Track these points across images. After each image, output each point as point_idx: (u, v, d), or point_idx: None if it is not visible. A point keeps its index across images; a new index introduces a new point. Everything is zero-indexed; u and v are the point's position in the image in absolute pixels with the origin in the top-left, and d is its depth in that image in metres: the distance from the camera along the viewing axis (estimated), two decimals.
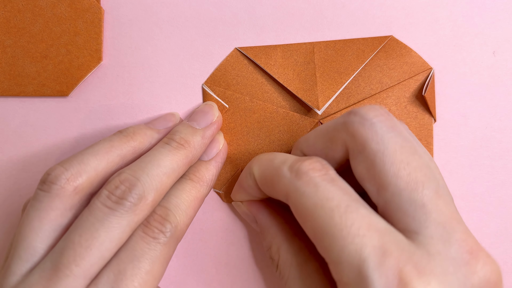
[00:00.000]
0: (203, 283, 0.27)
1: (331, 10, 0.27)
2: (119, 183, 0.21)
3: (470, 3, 0.27)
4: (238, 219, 0.28)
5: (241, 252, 0.28)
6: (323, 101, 0.26)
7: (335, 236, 0.17)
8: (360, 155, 0.20)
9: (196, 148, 0.24)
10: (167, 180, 0.22)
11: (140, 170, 0.21)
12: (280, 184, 0.21)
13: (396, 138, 0.19)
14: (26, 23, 0.27)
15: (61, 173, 0.21)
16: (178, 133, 0.24)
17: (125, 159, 0.23)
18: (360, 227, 0.17)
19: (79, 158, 0.22)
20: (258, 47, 0.27)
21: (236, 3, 0.27)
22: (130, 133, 0.24)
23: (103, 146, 0.23)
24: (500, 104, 0.27)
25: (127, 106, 0.27)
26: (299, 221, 0.20)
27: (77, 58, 0.27)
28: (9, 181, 0.27)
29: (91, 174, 0.21)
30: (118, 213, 0.20)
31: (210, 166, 0.26)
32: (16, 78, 0.27)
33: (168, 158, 0.22)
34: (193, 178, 0.24)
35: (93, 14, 0.27)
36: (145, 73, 0.27)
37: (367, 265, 0.16)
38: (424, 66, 0.27)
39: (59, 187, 0.21)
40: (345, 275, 0.17)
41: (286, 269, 0.22)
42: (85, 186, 0.21)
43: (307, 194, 0.19)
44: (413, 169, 0.18)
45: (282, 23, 0.27)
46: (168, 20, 0.27)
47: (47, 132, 0.27)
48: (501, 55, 0.27)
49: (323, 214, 0.18)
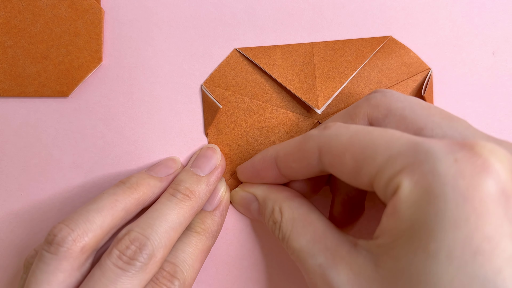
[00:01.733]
0: (203, 283, 0.28)
1: (331, 10, 0.27)
2: (129, 243, 0.21)
3: (470, 3, 0.27)
4: (238, 219, 0.28)
5: (241, 252, 0.28)
6: (322, 101, 0.26)
7: (379, 145, 0.17)
8: (386, 118, 0.21)
9: (202, 197, 0.24)
10: (174, 235, 0.22)
11: (149, 228, 0.22)
12: (308, 145, 0.21)
13: (415, 99, 0.21)
14: (27, 24, 0.27)
15: (67, 234, 0.21)
16: (183, 183, 0.24)
17: (130, 212, 0.23)
18: (395, 132, 0.18)
19: (85, 217, 0.22)
20: (258, 47, 0.27)
21: (236, 3, 0.27)
22: (134, 184, 0.24)
23: (108, 200, 0.23)
24: (500, 104, 0.27)
25: (127, 106, 0.28)
26: (334, 162, 0.19)
27: (78, 59, 0.27)
28: (9, 181, 0.28)
29: (97, 232, 0.22)
30: (129, 274, 0.20)
31: (215, 217, 0.26)
32: (17, 78, 0.27)
33: (175, 212, 0.23)
34: (199, 231, 0.25)
35: (93, 15, 0.27)
36: (145, 74, 0.27)
37: (421, 141, 0.16)
38: (422, 67, 0.27)
39: (66, 249, 0.21)
40: (399, 164, 0.16)
41: (289, 224, 0.22)
42: (92, 245, 0.21)
43: (340, 133, 0.19)
44: (439, 110, 0.20)
45: (282, 23, 0.27)
46: (168, 20, 0.27)
47: (47, 132, 0.28)
48: (500, 55, 0.27)
49: (361, 136, 0.18)
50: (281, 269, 0.28)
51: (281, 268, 0.28)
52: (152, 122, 0.28)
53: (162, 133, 0.28)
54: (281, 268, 0.28)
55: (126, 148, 0.27)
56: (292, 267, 0.28)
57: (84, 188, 0.27)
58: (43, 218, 0.27)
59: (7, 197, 0.28)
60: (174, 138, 0.28)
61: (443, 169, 0.15)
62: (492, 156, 0.15)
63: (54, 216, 0.27)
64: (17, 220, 0.28)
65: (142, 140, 0.28)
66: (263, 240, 0.28)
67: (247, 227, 0.28)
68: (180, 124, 0.28)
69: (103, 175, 0.27)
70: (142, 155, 0.28)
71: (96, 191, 0.27)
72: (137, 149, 0.28)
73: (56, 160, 0.27)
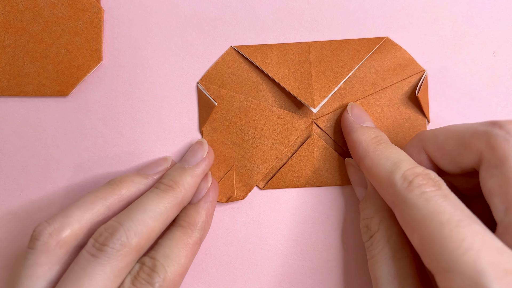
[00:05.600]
0: (203, 283, 0.27)
1: (331, 10, 0.27)
2: (103, 230, 0.21)
3: (470, 3, 0.27)
4: (238, 219, 0.28)
5: (241, 252, 0.28)
6: (318, 100, 0.26)
7: (445, 248, 0.17)
8: (495, 170, 0.19)
9: (186, 188, 0.24)
10: (154, 224, 0.22)
11: (125, 215, 0.22)
12: (389, 189, 0.21)
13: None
14: (26, 23, 0.27)
15: (43, 228, 0.21)
16: (167, 176, 0.24)
17: (112, 208, 0.23)
18: (474, 242, 0.17)
19: (64, 212, 0.22)
20: (254, 46, 0.27)
21: (236, 3, 0.27)
22: (117, 182, 0.24)
23: (88, 197, 0.23)
24: (500, 104, 0.27)
25: (127, 106, 0.27)
26: (405, 230, 0.20)
27: (77, 58, 0.27)
28: (9, 181, 0.27)
29: (74, 226, 0.22)
30: (101, 260, 0.20)
31: (200, 209, 0.25)
32: (16, 78, 0.27)
33: (155, 202, 0.23)
34: (182, 224, 0.24)
35: (93, 14, 0.27)
36: (145, 73, 0.27)
37: (487, 278, 0.16)
38: (417, 68, 0.27)
39: (42, 242, 0.21)
40: (456, 284, 0.17)
41: (380, 244, 0.22)
42: (69, 239, 0.22)
43: (417, 206, 0.19)
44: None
45: (282, 23, 0.27)
46: (168, 20, 0.27)
47: (47, 132, 0.27)
48: (501, 55, 0.27)
49: (432, 226, 0.18)
50: (281, 269, 0.27)
51: (281, 268, 0.28)
52: (151, 122, 0.27)
53: (162, 132, 0.28)
54: (281, 268, 0.28)
55: (126, 147, 0.27)
56: (292, 268, 0.28)
57: (83, 188, 0.27)
58: (43, 218, 0.27)
59: (6, 196, 0.27)
60: (174, 138, 0.28)
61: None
62: None
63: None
64: (16, 220, 0.27)
65: (141, 140, 0.27)
66: (263, 240, 0.28)
67: (247, 227, 0.28)
68: (180, 123, 0.28)
69: (102, 175, 0.27)
70: (142, 154, 0.27)
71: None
72: (137, 148, 0.27)
73: (56, 160, 0.27)
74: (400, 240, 0.22)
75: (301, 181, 0.27)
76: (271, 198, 0.28)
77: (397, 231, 0.23)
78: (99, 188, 0.24)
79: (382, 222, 0.23)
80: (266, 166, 0.27)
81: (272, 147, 0.27)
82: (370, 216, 0.24)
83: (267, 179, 0.28)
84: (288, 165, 0.27)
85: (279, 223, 0.28)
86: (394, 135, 0.27)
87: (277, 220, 0.28)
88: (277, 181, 0.27)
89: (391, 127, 0.27)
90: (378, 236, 0.23)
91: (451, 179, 0.24)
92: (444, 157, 0.22)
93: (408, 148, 0.24)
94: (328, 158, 0.27)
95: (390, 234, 0.22)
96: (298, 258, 0.27)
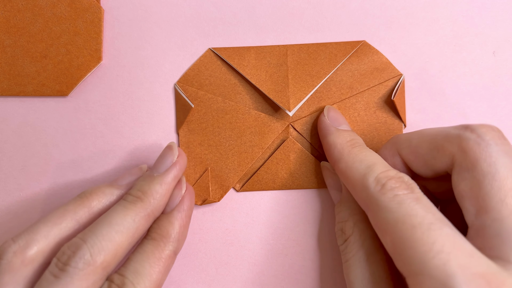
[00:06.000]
0: (203, 283, 0.27)
1: (331, 10, 0.27)
2: (66, 249, 0.20)
3: (470, 3, 0.27)
4: (238, 219, 0.28)
5: (241, 252, 0.28)
6: (294, 103, 0.26)
7: (416, 250, 0.17)
8: (467, 173, 0.19)
9: (156, 197, 0.22)
10: (120, 239, 0.20)
11: (90, 231, 0.20)
12: (362, 192, 0.21)
13: (509, 164, 0.19)
14: (26, 23, 0.27)
15: (8, 246, 0.20)
16: (135, 186, 0.23)
17: (81, 222, 0.22)
18: (444, 245, 0.17)
19: (30, 228, 0.21)
20: (232, 48, 0.27)
21: (236, 3, 0.27)
22: (87, 194, 0.23)
23: (57, 212, 0.22)
24: (500, 104, 0.27)
25: (127, 106, 0.27)
26: (378, 232, 0.20)
27: (77, 58, 0.27)
28: (8, 180, 0.27)
29: (41, 243, 0.21)
30: (63, 281, 0.19)
31: (173, 219, 0.23)
32: (16, 77, 0.27)
33: (122, 215, 0.21)
34: (154, 236, 0.22)
35: (93, 14, 0.27)
36: (145, 73, 0.27)
37: (456, 281, 0.16)
38: (394, 72, 0.27)
39: (6, 261, 0.20)
40: (426, 286, 0.17)
41: (354, 248, 0.22)
42: (35, 257, 0.20)
43: (390, 209, 0.19)
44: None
45: (282, 23, 0.27)
46: (168, 20, 0.27)
47: (47, 132, 0.27)
48: (501, 55, 0.27)
49: (404, 229, 0.18)
50: (282, 270, 0.27)
51: (281, 268, 0.28)
52: (151, 122, 0.27)
53: (162, 132, 0.27)
54: (282, 268, 0.27)
55: (126, 147, 0.27)
56: (292, 267, 0.28)
57: (83, 188, 0.27)
58: None
59: (6, 196, 0.27)
60: (174, 138, 0.28)
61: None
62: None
63: None
64: (16, 220, 0.27)
65: (141, 140, 0.27)
66: (262, 240, 0.28)
67: (246, 227, 0.28)
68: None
69: (102, 175, 0.27)
70: (142, 154, 0.27)
71: None
72: (137, 148, 0.27)
73: (56, 160, 0.27)
74: (374, 244, 0.22)
75: (277, 183, 0.27)
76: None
77: (371, 234, 0.23)
78: (69, 201, 0.22)
79: (356, 225, 0.23)
80: (242, 168, 0.27)
81: (249, 150, 0.27)
82: (344, 220, 0.24)
83: (243, 182, 0.28)
84: (264, 167, 0.27)
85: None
86: (370, 139, 0.27)
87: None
88: (253, 184, 0.27)
89: (367, 130, 0.27)
90: (352, 240, 0.23)
91: (424, 183, 0.24)
92: (417, 160, 0.22)
93: (383, 151, 0.24)
94: (304, 161, 0.27)
95: (364, 238, 0.22)
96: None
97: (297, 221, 0.27)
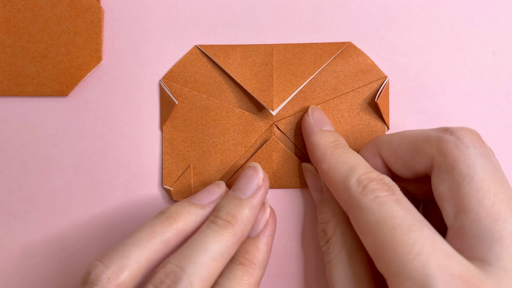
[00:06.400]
0: None
1: (331, 10, 0.27)
2: (164, 277, 0.20)
3: (470, 3, 0.27)
4: None
5: None
6: (277, 102, 0.26)
7: (396, 252, 0.18)
8: (446, 175, 0.20)
9: (245, 222, 0.22)
10: (216, 266, 0.20)
11: (186, 259, 0.20)
12: (344, 194, 0.21)
13: (487, 166, 0.19)
14: (26, 23, 0.27)
15: (101, 272, 0.20)
16: (223, 209, 0.22)
17: (169, 244, 0.22)
18: (424, 246, 0.17)
19: (120, 252, 0.20)
20: (218, 46, 0.27)
21: (236, 3, 0.27)
22: (173, 214, 0.22)
23: (145, 233, 0.21)
24: (500, 104, 0.27)
25: (126, 106, 0.27)
26: (359, 234, 0.20)
27: (77, 58, 0.27)
28: (8, 181, 0.27)
29: (133, 268, 0.20)
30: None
31: (260, 244, 0.23)
32: (16, 77, 0.27)
33: (215, 240, 0.21)
34: (243, 262, 0.22)
35: (93, 14, 0.27)
36: (145, 73, 0.27)
37: (434, 282, 0.16)
38: (379, 75, 0.27)
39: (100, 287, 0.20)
40: (406, 287, 0.17)
41: (336, 249, 0.22)
42: (128, 283, 0.20)
43: (371, 210, 0.19)
44: (498, 200, 0.18)
45: (282, 23, 0.27)
46: (168, 20, 0.27)
47: (47, 132, 0.27)
48: (501, 55, 0.27)
49: (385, 230, 0.18)
50: (282, 269, 0.27)
51: (282, 268, 0.27)
52: (151, 122, 0.27)
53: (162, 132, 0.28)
54: (282, 268, 0.27)
55: (126, 147, 0.27)
56: (293, 268, 0.27)
57: (83, 188, 0.27)
58: (43, 218, 0.27)
59: (6, 197, 0.27)
60: None
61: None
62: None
63: (54, 216, 0.27)
64: (16, 220, 0.27)
65: (141, 140, 0.27)
66: None
67: None
68: None
69: (102, 175, 0.27)
70: (142, 154, 0.27)
71: (95, 191, 0.27)
72: (137, 148, 0.27)
73: (56, 160, 0.27)
74: (355, 245, 0.22)
75: None
76: None
77: (352, 235, 0.23)
78: (154, 221, 0.22)
79: (338, 226, 0.23)
80: (225, 166, 0.27)
81: (232, 148, 0.27)
82: (326, 221, 0.24)
83: (225, 180, 0.27)
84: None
85: None
86: (353, 140, 0.27)
87: None
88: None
89: (351, 132, 0.27)
90: (334, 241, 0.23)
91: (405, 184, 0.24)
92: (397, 162, 0.22)
93: (364, 152, 0.24)
94: (287, 161, 0.27)
95: (346, 239, 0.23)
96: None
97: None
